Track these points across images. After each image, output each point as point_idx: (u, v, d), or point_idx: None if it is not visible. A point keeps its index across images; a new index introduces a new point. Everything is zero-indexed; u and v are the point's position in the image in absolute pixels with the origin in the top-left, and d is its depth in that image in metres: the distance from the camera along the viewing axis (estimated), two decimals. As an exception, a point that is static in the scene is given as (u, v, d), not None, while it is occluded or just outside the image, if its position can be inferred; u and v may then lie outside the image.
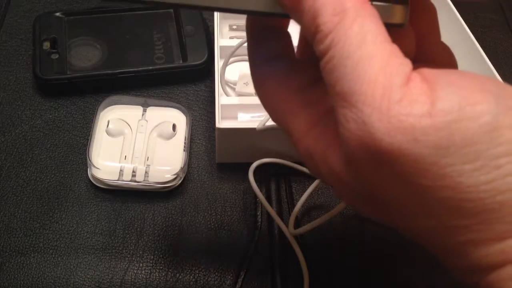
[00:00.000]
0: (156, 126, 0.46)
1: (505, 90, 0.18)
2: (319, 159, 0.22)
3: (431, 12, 0.24)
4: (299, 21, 0.20)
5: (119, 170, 0.43)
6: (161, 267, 0.40)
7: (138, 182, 0.42)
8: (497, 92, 0.18)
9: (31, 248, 0.40)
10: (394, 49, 0.19)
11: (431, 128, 0.17)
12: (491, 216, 0.18)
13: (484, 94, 0.18)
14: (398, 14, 0.21)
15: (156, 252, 0.40)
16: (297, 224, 0.42)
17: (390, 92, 0.18)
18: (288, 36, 0.25)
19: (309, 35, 0.20)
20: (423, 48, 0.24)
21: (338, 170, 0.21)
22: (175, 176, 0.43)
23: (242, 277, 0.40)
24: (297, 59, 0.25)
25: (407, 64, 0.19)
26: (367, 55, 0.18)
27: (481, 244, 0.19)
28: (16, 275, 0.38)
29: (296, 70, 0.24)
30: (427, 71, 0.19)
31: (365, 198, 0.21)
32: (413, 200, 0.19)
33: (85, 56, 0.50)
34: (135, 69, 0.49)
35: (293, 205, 0.43)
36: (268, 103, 0.24)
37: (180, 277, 0.39)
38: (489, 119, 0.17)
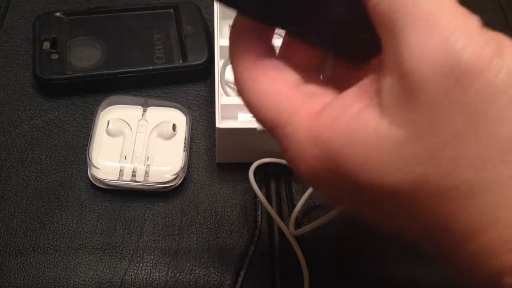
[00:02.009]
0: (156, 126, 0.46)
1: None
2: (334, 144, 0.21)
3: None
4: None
5: (119, 170, 0.43)
6: (161, 267, 0.40)
7: (138, 182, 0.42)
8: None
9: (31, 248, 0.40)
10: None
11: (506, 69, 0.17)
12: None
13: None
14: None
15: (156, 252, 0.40)
16: (297, 224, 0.42)
17: (467, 17, 0.18)
18: (273, 33, 0.25)
19: None
20: None
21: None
22: (175, 176, 0.43)
23: (242, 277, 0.40)
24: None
25: None
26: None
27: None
28: (16, 275, 0.38)
29: (287, 67, 0.24)
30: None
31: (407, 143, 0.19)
32: (472, 136, 0.18)
33: (85, 56, 0.50)
34: (135, 69, 0.49)
35: (293, 205, 0.43)
36: (264, 102, 0.23)
37: (180, 277, 0.39)
38: None
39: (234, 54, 0.24)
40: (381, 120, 0.19)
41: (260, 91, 0.23)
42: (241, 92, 0.23)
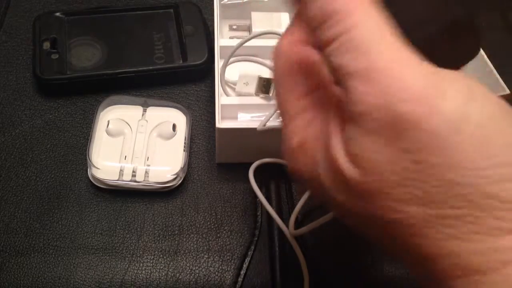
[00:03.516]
0: (156, 126, 0.46)
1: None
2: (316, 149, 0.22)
3: None
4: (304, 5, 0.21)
5: (119, 170, 0.43)
6: (161, 267, 0.40)
7: (138, 182, 0.42)
8: (503, 101, 0.20)
9: (31, 248, 0.40)
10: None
11: (450, 104, 0.18)
12: (482, 208, 0.18)
13: (498, 98, 0.19)
14: None
15: (156, 252, 0.40)
16: (297, 225, 0.42)
17: (411, 67, 0.19)
18: None
19: (317, 21, 0.20)
20: None
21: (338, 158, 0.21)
22: (175, 176, 0.43)
23: (242, 277, 0.40)
24: None
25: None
26: (386, 36, 0.19)
27: (470, 240, 0.19)
28: (16, 275, 0.38)
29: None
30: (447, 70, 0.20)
31: (356, 187, 0.21)
32: (412, 182, 0.19)
33: (85, 56, 0.50)
34: (135, 69, 0.49)
35: (293, 205, 0.43)
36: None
37: (180, 277, 0.39)
38: (499, 112, 0.19)
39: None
40: None
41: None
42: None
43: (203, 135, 0.48)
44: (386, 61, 0.19)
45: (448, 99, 0.18)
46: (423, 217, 0.19)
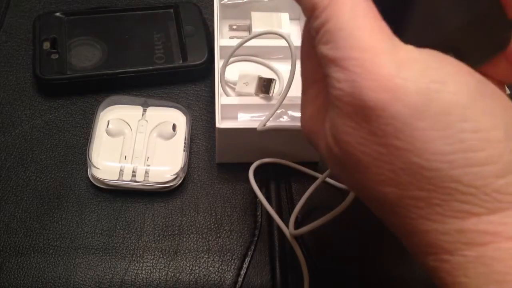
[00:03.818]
0: (156, 126, 0.46)
1: (485, 80, 0.21)
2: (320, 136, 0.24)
3: None
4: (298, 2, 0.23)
5: (119, 170, 0.43)
6: (161, 267, 0.40)
7: (138, 182, 0.42)
8: (480, 79, 0.21)
9: (31, 248, 0.40)
10: (384, 25, 0.21)
11: (413, 91, 0.19)
12: (447, 192, 0.19)
13: (469, 78, 0.20)
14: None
15: (156, 252, 0.40)
16: (297, 225, 0.42)
17: (379, 56, 0.20)
18: None
19: (307, 14, 0.22)
20: None
21: (328, 139, 0.23)
22: (175, 176, 0.43)
23: (242, 277, 0.40)
24: None
25: (394, 38, 0.21)
26: (358, 27, 0.20)
27: (437, 221, 0.20)
28: (16, 275, 0.38)
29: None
30: (427, 50, 0.21)
31: (343, 164, 0.22)
32: (382, 163, 0.20)
33: (85, 56, 0.50)
34: (135, 69, 0.49)
35: (293, 205, 0.43)
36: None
37: (180, 277, 0.39)
38: (465, 98, 0.19)
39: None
40: None
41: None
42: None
43: (203, 135, 0.48)
44: (358, 51, 0.20)
45: (411, 85, 0.19)
46: (395, 197, 0.21)
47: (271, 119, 0.41)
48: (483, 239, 0.19)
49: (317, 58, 0.24)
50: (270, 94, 0.43)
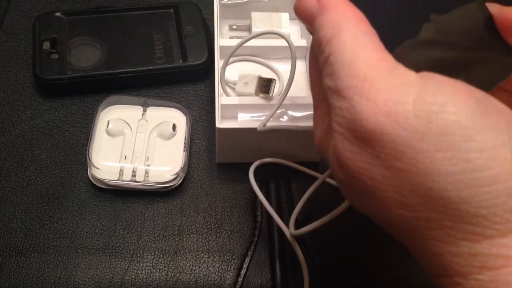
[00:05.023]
0: (156, 126, 0.46)
1: (486, 97, 0.20)
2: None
3: None
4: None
5: (119, 170, 0.43)
6: (161, 267, 0.40)
7: (138, 182, 0.42)
8: (480, 97, 0.20)
9: (31, 248, 0.40)
10: (385, 54, 0.21)
11: (412, 113, 0.19)
12: (456, 213, 0.19)
13: (468, 97, 0.20)
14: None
15: (156, 252, 0.40)
16: (297, 225, 0.42)
17: (378, 83, 0.20)
18: None
19: (316, 48, 0.23)
20: None
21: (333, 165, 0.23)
22: (175, 176, 0.43)
23: (242, 277, 0.40)
24: None
25: (394, 64, 0.21)
26: (358, 58, 0.21)
27: (450, 243, 0.20)
28: (16, 275, 0.39)
29: None
30: (426, 73, 0.21)
31: (351, 189, 0.23)
32: (388, 186, 0.20)
33: (85, 56, 0.50)
34: (135, 69, 0.49)
35: (293, 205, 0.43)
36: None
37: (180, 277, 0.39)
38: (465, 117, 0.19)
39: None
40: None
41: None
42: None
43: (203, 135, 0.48)
44: (358, 79, 0.21)
45: (410, 108, 0.19)
46: (405, 219, 0.21)
47: (271, 119, 0.41)
48: (496, 263, 0.19)
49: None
50: (270, 94, 0.43)
